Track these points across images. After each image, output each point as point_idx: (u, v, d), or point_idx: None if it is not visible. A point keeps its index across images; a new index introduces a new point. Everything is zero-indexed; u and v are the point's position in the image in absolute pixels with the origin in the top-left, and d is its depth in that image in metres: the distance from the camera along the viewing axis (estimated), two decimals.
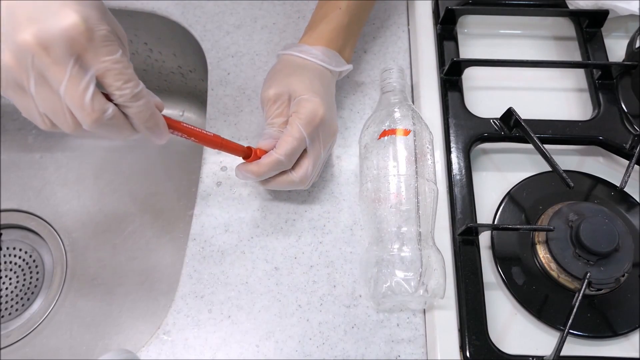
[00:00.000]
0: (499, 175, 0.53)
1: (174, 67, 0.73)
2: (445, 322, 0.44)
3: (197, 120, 0.79)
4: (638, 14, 0.58)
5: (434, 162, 0.49)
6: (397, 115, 0.49)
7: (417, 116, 0.50)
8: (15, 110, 0.79)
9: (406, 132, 0.48)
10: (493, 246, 0.49)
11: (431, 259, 0.43)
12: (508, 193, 0.51)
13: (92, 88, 0.33)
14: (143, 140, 0.77)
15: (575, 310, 0.43)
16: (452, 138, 0.52)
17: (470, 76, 0.57)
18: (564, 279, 0.46)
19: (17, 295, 0.69)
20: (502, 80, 0.59)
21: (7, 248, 0.71)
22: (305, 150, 0.46)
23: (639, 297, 0.46)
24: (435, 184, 0.48)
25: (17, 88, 0.35)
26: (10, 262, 0.71)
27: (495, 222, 0.50)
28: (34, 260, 0.71)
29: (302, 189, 0.49)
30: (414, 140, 0.48)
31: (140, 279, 0.69)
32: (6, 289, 0.69)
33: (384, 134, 0.48)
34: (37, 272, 0.70)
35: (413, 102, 0.57)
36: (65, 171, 0.75)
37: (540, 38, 0.62)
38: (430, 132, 0.50)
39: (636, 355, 0.45)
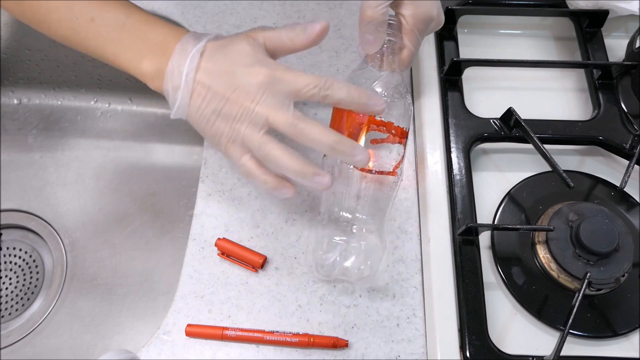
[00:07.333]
0: (499, 175, 0.53)
1: None
2: (445, 322, 0.44)
3: None
4: (638, 14, 0.58)
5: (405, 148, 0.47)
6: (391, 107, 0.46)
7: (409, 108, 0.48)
8: (15, 110, 0.79)
9: (399, 132, 0.46)
10: (493, 246, 0.49)
11: (370, 245, 0.44)
12: (508, 193, 0.51)
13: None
14: (143, 140, 0.78)
15: (575, 310, 0.43)
16: (452, 138, 0.52)
17: (470, 76, 0.57)
18: (564, 279, 0.46)
19: (17, 295, 0.69)
20: (502, 80, 0.59)
21: (7, 248, 0.71)
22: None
23: (639, 297, 0.46)
24: (400, 174, 0.47)
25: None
26: (10, 262, 0.71)
27: (495, 222, 0.50)
28: (34, 260, 0.71)
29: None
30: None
31: (140, 279, 0.68)
32: (6, 289, 0.69)
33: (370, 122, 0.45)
34: (37, 272, 0.70)
35: (413, 102, 0.57)
36: (65, 171, 0.75)
37: (540, 38, 0.62)
38: (412, 111, 0.47)
39: (636, 355, 0.45)
